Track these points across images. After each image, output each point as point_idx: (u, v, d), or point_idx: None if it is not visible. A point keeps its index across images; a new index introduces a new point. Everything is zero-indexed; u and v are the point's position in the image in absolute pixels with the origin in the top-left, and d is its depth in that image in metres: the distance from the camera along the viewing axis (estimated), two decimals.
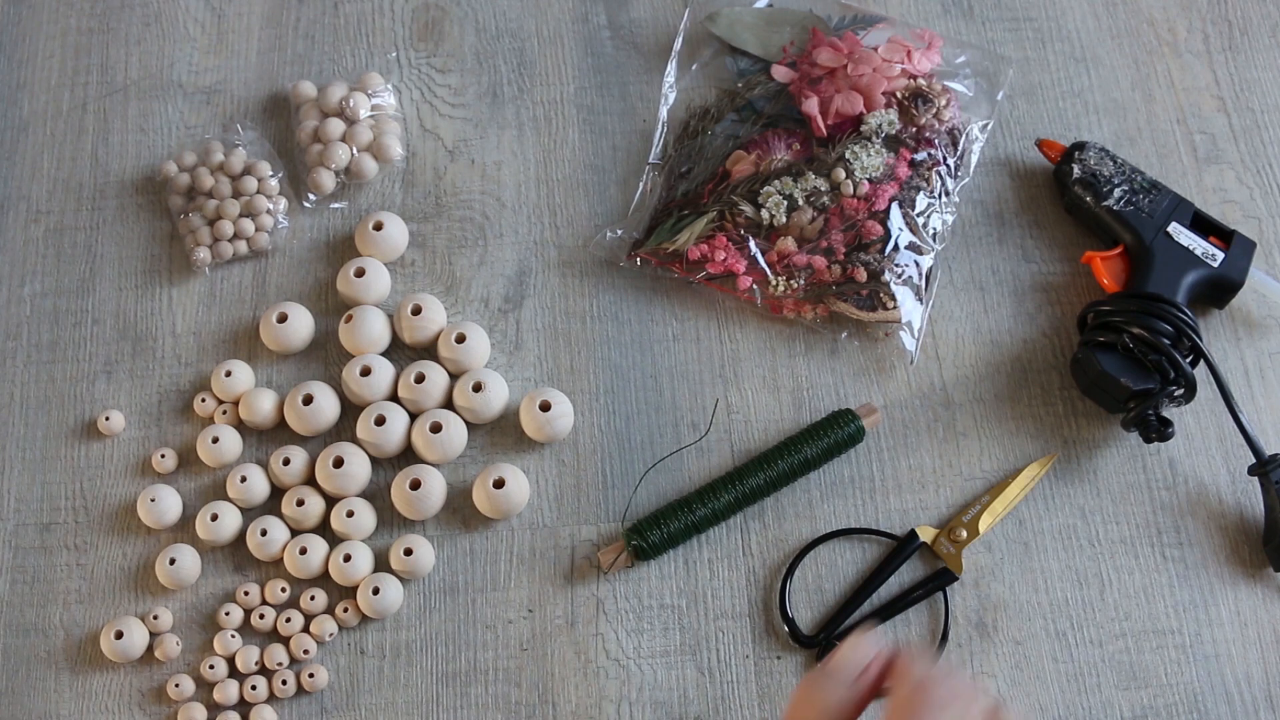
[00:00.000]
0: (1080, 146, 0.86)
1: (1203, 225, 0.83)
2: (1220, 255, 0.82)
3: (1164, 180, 0.87)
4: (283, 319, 0.82)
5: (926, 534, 0.78)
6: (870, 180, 0.83)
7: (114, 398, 0.83)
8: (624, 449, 0.81)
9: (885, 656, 0.57)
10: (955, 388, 0.83)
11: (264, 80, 0.92)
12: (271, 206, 0.86)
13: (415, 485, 0.77)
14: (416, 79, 0.92)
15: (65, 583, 0.78)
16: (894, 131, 0.85)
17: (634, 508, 0.79)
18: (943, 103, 0.86)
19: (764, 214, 0.83)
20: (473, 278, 0.86)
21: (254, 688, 0.74)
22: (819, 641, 0.75)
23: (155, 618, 0.76)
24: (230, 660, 0.75)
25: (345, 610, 0.76)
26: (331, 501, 0.79)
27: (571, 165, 0.89)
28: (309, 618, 0.76)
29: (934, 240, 0.84)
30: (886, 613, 0.76)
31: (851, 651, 0.57)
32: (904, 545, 0.77)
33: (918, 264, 0.82)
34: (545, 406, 0.79)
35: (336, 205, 0.88)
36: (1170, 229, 0.82)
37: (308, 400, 0.79)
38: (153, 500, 0.78)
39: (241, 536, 0.78)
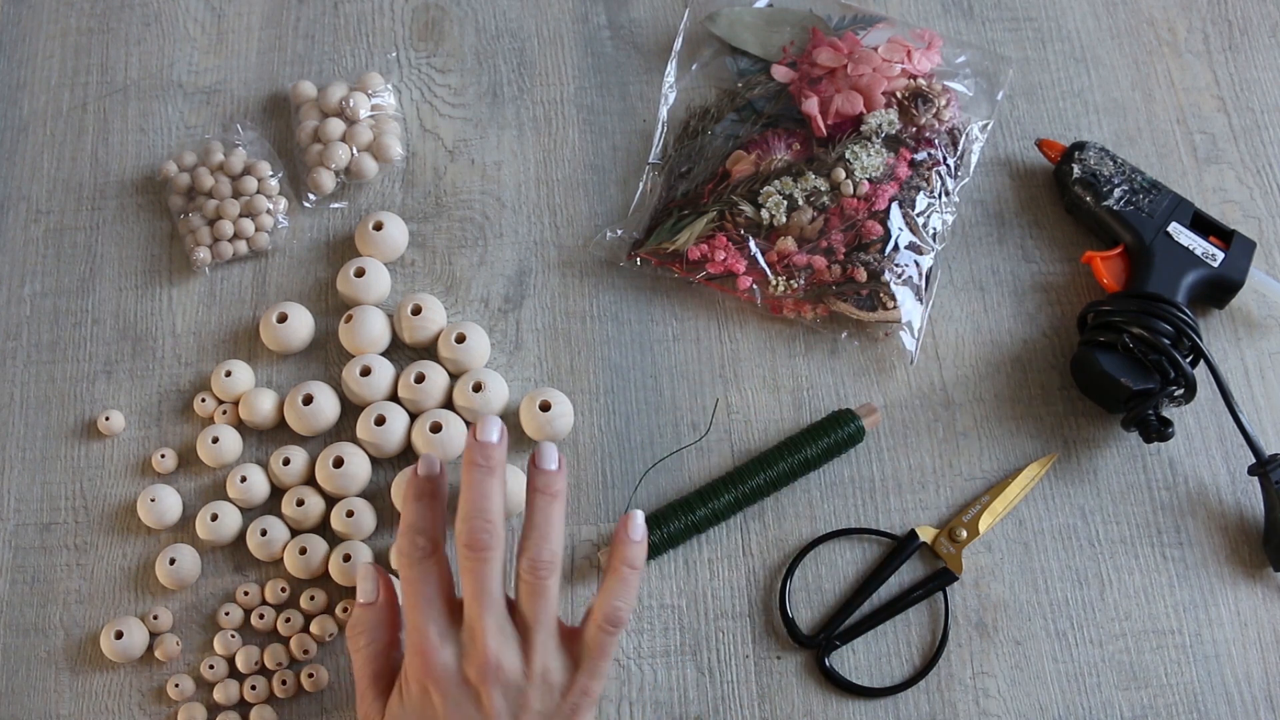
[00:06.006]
0: (1080, 146, 0.86)
1: (1203, 225, 0.83)
2: (1220, 255, 0.82)
3: (1164, 180, 0.87)
4: (283, 319, 0.82)
5: (926, 534, 0.78)
6: (870, 180, 0.83)
7: (114, 398, 0.83)
8: (624, 449, 0.81)
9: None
10: (955, 388, 0.83)
11: (264, 80, 0.92)
12: (271, 206, 0.86)
13: None
14: (416, 79, 0.92)
15: (65, 583, 0.78)
16: (894, 131, 0.85)
17: (634, 508, 0.79)
18: (943, 103, 0.86)
19: (764, 214, 0.83)
20: (473, 278, 0.86)
21: (254, 688, 0.74)
22: (819, 642, 0.75)
23: (155, 618, 0.76)
24: (230, 660, 0.75)
25: (345, 610, 0.76)
26: (331, 501, 0.79)
27: (571, 165, 0.89)
28: (309, 618, 0.76)
29: (934, 240, 0.84)
30: (886, 613, 0.76)
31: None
32: (904, 545, 0.77)
33: (918, 264, 0.82)
34: (545, 406, 0.79)
35: (336, 205, 0.88)
36: (1170, 229, 0.82)
37: (308, 400, 0.79)
38: (153, 500, 0.78)
39: (241, 536, 0.78)
